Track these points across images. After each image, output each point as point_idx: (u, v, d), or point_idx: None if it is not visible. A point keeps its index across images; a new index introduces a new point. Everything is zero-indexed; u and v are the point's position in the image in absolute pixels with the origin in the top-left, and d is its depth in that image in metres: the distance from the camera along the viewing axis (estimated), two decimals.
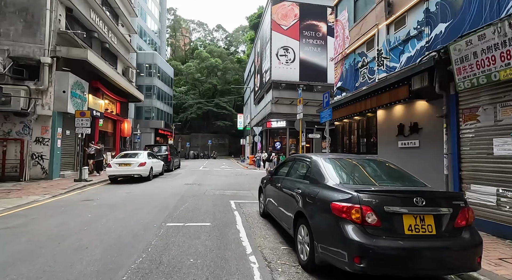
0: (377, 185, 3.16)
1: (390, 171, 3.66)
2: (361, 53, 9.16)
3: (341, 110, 9.58)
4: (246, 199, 7.90)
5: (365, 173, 3.52)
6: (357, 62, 9.45)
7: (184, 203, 7.00)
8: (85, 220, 5.22)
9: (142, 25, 38.58)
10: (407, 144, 6.90)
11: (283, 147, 25.34)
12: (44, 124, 11.32)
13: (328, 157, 3.82)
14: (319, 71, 24.47)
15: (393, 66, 7.51)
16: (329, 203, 2.80)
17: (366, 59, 8.84)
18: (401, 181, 3.34)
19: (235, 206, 6.82)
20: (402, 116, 7.16)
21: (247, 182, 11.86)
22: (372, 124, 8.75)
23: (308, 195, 3.30)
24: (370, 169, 3.65)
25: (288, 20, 24.24)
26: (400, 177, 3.47)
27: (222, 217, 5.60)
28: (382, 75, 7.85)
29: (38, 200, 7.40)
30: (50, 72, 11.36)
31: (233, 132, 50.00)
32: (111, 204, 6.83)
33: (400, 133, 7.16)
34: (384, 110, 7.88)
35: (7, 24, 10.97)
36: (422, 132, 6.49)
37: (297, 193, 3.62)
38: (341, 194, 2.80)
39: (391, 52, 7.60)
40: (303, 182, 3.71)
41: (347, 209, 2.61)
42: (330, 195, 2.91)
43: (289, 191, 3.97)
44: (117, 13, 18.25)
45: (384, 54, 7.76)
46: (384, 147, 7.90)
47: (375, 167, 3.74)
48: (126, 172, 11.19)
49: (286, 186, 4.19)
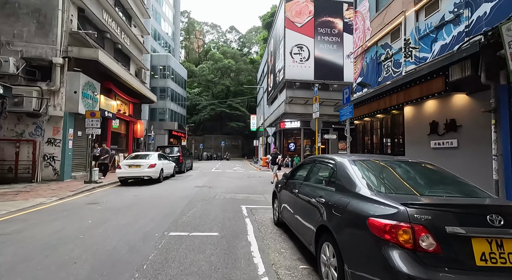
0: (427, 195, 2.45)
1: (438, 176, 2.93)
2: (385, 45, 8.36)
3: (362, 108, 8.80)
4: (259, 204, 7.29)
5: (406, 178, 2.83)
6: (380, 55, 8.65)
7: (192, 208, 6.50)
8: (84, 227, 4.81)
9: (156, 28, 39.07)
10: (442, 144, 6.06)
11: (297, 148, 24.55)
12: (55, 125, 11.26)
13: (355, 158, 3.14)
14: (335, 69, 23.53)
15: (424, 57, 6.68)
16: (365, 218, 2.15)
17: (390, 51, 8.03)
18: (456, 190, 2.61)
19: (247, 212, 6.24)
20: (435, 112, 6.32)
21: (260, 185, 11.26)
22: (398, 122, 7.92)
23: (334, 206, 2.66)
24: (411, 173, 2.95)
25: (302, 17, 23.50)
26: (453, 184, 2.74)
27: (232, 225, 5.03)
28: (410, 68, 7.04)
29: (44, 203, 7.15)
30: (61, 73, 11.29)
31: (246, 133, 49.62)
32: (116, 208, 6.44)
33: (433, 132, 6.32)
34: (413, 106, 7.05)
35: (21, 25, 11.00)
36: (461, 131, 5.64)
37: (319, 202, 2.98)
38: (381, 207, 2.14)
39: (420, 41, 6.78)
40: (326, 189, 3.06)
41: (392, 229, 1.94)
42: (366, 207, 2.26)
43: (308, 198, 3.33)
44: (130, 14, 18.26)
45: (413, 44, 6.94)
46: (413, 147, 7.06)
47: (417, 171, 3.03)
48: (135, 174, 10.90)
49: (305, 192, 3.55)
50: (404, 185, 2.65)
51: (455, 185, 2.71)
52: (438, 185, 2.75)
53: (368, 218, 2.12)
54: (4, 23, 10.85)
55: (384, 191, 2.47)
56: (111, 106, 14.93)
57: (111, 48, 15.65)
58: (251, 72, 54.20)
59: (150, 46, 34.94)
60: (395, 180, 2.80)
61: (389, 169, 2.98)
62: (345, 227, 2.44)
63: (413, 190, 2.50)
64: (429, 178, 2.93)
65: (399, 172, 2.94)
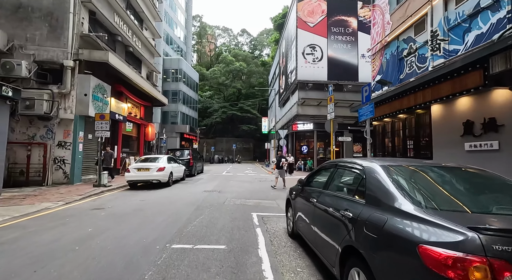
0: (497, 213, 1.87)
1: (497, 185, 2.33)
2: (407, 39, 7.70)
3: (382, 107, 8.14)
4: (271, 211, 6.77)
5: (457, 189, 2.26)
6: (402, 50, 7.98)
7: (199, 215, 6.06)
8: (82, 236, 4.46)
9: (169, 32, 39.53)
10: (479, 146, 5.35)
11: (310, 151, 23.83)
12: (66, 128, 11.22)
13: (386, 163, 2.58)
14: (349, 69, 22.75)
15: (455, 50, 6.00)
16: (414, 245, 1.61)
17: (414, 45, 7.37)
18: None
19: (258, 220, 5.73)
20: (470, 110, 5.62)
21: (272, 190, 10.73)
22: (424, 122, 7.21)
23: (366, 223, 2.12)
24: (460, 182, 2.37)
25: (315, 16, 22.92)
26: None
27: (241, 237, 4.54)
28: (438, 62, 6.36)
29: (49, 208, 6.94)
30: (72, 76, 11.27)
31: (257, 136, 49.22)
32: (120, 214, 6.11)
33: (467, 133, 5.61)
34: (442, 104, 6.35)
35: (33, 29, 11.07)
36: (503, 131, 4.93)
37: (345, 216, 2.44)
38: (437, 230, 1.59)
39: (450, 33, 6.11)
40: (353, 200, 2.52)
41: (459, 263, 1.40)
42: (413, 229, 1.72)
43: (330, 209, 2.80)
44: (141, 17, 18.32)
45: (441, 36, 6.27)
46: (442, 150, 6.35)
47: (467, 179, 2.44)
48: (144, 177, 10.64)
49: (326, 202, 3.02)
50: (459, 199, 2.07)
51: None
52: (504, 198, 2.16)
53: (419, 245, 1.58)
54: (18, 27, 10.95)
55: (434, 207, 1.92)
56: (121, 109, 14.88)
57: (123, 51, 15.66)
58: (263, 75, 53.90)
59: (162, 50, 35.32)
60: (444, 192, 2.22)
61: (430, 177, 2.41)
62: (383, 252, 1.90)
63: (473, 205, 1.92)
64: (487, 188, 2.34)
65: (445, 181, 2.37)
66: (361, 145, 23.86)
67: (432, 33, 6.55)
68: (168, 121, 37.33)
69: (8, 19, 10.93)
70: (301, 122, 23.29)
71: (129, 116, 16.27)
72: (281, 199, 8.41)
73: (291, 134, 24.99)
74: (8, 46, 10.62)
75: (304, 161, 23.06)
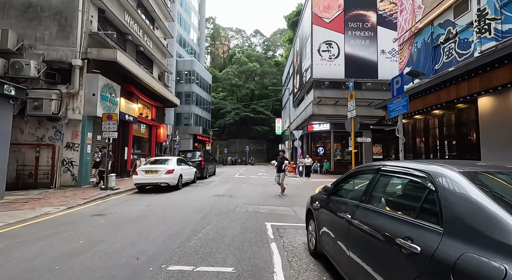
0: None
1: None
2: (444, 23, 6.68)
3: (413, 103, 7.15)
4: (287, 219, 5.96)
5: None
6: (437, 36, 6.97)
7: (206, 224, 5.36)
8: (69, 251, 3.86)
9: (182, 34, 39.64)
10: None
11: (327, 153, 22.73)
12: (74, 129, 10.93)
13: (470, 169, 1.73)
14: (368, 66, 21.52)
15: (510, 29, 4.97)
16: None
17: (453, 29, 6.35)
18: None
19: (273, 232, 4.95)
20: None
21: (288, 195, 9.89)
22: (467, 119, 6.17)
23: (456, 269, 1.29)
24: None
25: (331, 12, 21.91)
26: None
27: (253, 254, 3.78)
28: (488, 46, 5.35)
29: (49, 213, 6.50)
30: (81, 75, 10.98)
31: (271, 137, 48.40)
32: (119, 222, 5.52)
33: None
34: (494, 96, 5.32)
35: (43, 28, 10.89)
36: None
37: (406, 247, 1.62)
38: None
39: (504, 10, 5.08)
40: (420, 225, 1.67)
41: None
42: None
43: (378, 233, 1.99)
44: (153, 16, 18.07)
45: (491, 14, 5.25)
46: (496, 152, 5.30)
47: None
48: (152, 180, 10.13)
49: (368, 221, 2.20)
50: None
51: None
52: None
53: None
54: (27, 27, 10.81)
55: None
56: (132, 110, 14.56)
57: (133, 51, 15.39)
58: (276, 75, 53.10)
59: (175, 51, 35.36)
60: None
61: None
62: None
63: None
64: None
65: None
66: (381, 146, 22.50)
67: (479, 12, 5.53)
68: (181, 123, 37.28)
69: (18, 19, 10.81)
70: (317, 123, 22.27)
71: (140, 117, 15.96)
72: (298, 206, 7.58)
73: (306, 135, 23.99)
74: (17, 46, 10.48)
75: (320, 163, 21.98)
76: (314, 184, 13.57)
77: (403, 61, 8.51)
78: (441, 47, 6.78)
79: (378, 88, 21.25)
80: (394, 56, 21.75)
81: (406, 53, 8.32)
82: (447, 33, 6.52)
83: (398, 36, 8.68)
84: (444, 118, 6.97)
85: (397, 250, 1.71)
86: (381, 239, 1.94)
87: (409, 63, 8.19)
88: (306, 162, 16.11)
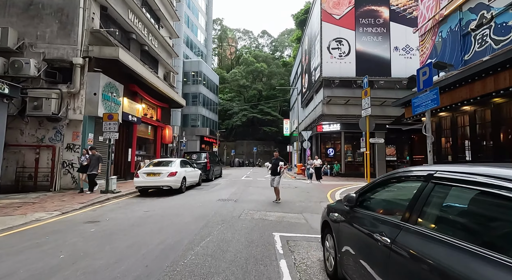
0: None
1: None
2: (476, 7, 5.90)
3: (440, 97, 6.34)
4: (298, 229, 5.29)
5: None
6: (467, 23, 6.19)
7: (207, 235, 4.75)
8: (44, 269, 3.31)
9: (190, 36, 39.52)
10: None
11: (337, 154, 21.85)
12: (75, 129, 10.56)
13: None
14: (381, 64, 20.58)
15: None
16: None
17: (488, 13, 5.56)
18: None
19: (282, 245, 4.30)
20: None
21: (297, 199, 9.21)
22: (508, 114, 5.36)
23: None
24: None
25: (341, 8, 21.12)
26: None
27: (259, 276, 3.14)
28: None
29: (39, 219, 6.04)
30: (82, 74, 10.62)
31: (279, 139, 47.64)
32: (110, 232, 4.97)
33: None
34: None
35: (44, 26, 10.61)
36: None
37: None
38: None
39: None
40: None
41: None
42: None
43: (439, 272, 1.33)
44: (158, 15, 17.73)
45: None
46: None
47: None
48: (153, 183, 9.63)
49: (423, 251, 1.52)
50: None
51: None
52: None
53: None
54: (29, 25, 10.54)
55: None
56: (136, 110, 14.17)
57: (138, 50, 15.04)
58: (284, 76, 52.39)
59: (182, 52, 35.20)
60: None
61: None
62: None
63: None
64: None
65: None
66: (394, 148, 21.50)
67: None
68: (188, 124, 37.03)
69: (19, 17, 10.56)
70: (326, 123, 21.45)
71: (144, 118, 15.58)
72: (309, 212, 6.90)
73: (316, 136, 23.18)
74: (18, 45, 10.21)
75: (330, 165, 21.13)
76: (325, 187, 12.82)
77: (424, 53, 7.72)
78: (471, 35, 6.00)
79: (391, 86, 20.28)
80: (408, 53, 20.79)
81: (429, 44, 7.54)
82: (480, 18, 5.75)
83: (419, 26, 7.90)
84: (476, 115, 6.15)
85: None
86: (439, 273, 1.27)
87: (432, 55, 7.41)
88: (316, 164, 15.29)
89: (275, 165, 8.34)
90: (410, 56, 20.77)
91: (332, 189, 12.07)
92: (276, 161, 8.43)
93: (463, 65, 6.18)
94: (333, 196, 10.19)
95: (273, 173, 8.41)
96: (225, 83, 52.52)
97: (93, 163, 9.40)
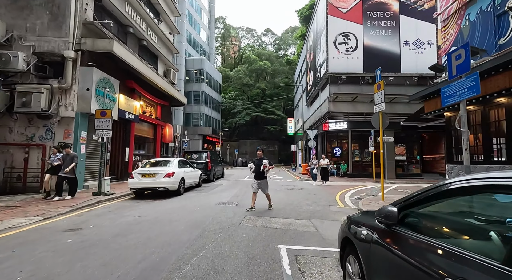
0: None
1: None
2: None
3: None
4: (308, 240, 4.53)
5: None
6: (502, 1, 5.35)
7: (200, 248, 4.01)
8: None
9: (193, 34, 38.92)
10: None
11: (344, 153, 20.98)
12: (67, 127, 9.92)
13: None
14: (390, 59, 19.65)
15: None
16: None
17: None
18: None
19: (289, 262, 3.55)
20: None
21: (304, 202, 8.44)
22: None
23: None
24: None
25: (348, 1, 20.23)
26: None
27: None
28: None
29: (16, 226, 5.39)
30: (74, 68, 9.98)
31: (283, 138, 46.81)
32: (90, 243, 4.27)
33: None
34: None
35: (34, 18, 9.99)
36: None
37: None
38: None
39: None
40: None
41: None
42: None
43: None
44: (158, 9, 17.08)
45: None
46: None
47: None
48: (149, 185, 8.95)
49: None
50: None
51: None
52: None
53: None
54: (18, 16, 9.93)
55: None
56: (133, 107, 13.53)
57: (136, 45, 14.39)
58: (288, 74, 51.50)
59: (185, 50, 34.58)
60: None
61: None
62: None
63: None
64: None
65: None
66: (404, 147, 20.55)
67: None
68: (190, 123, 36.42)
69: (8, 8, 9.96)
70: (332, 121, 20.58)
71: (143, 116, 14.93)
72: (319, 218, 6.13)
73: (321, 134, 22.34)
74: (6, 37, 9.60)
75: (337, 165, 20.27)
76: (332, 189, 12.04)
77: (448, 40, 6.89)
78: (509, 14, 5.17)
79: (401, 83, 19.36)
80: (418, 47, 19.84)
81: (453, 29, 6.70)
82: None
83: (441, 10, 7.06)
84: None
85: None
86: None
87: (457, 42, 6.58)
88: (322, 163, 14.43)
89: (258, 166, 6.97)
90: (421, 51, 19.81)
91: (341, 191, 11.27)
92: (259, 161, 7.06)
93: (497, 50, 5.36)
94: (342, 198, 9.41)
95: (257, 176, 7.05)
96: (228, 82, 51.83)
97: (67, 164, 8.08)
